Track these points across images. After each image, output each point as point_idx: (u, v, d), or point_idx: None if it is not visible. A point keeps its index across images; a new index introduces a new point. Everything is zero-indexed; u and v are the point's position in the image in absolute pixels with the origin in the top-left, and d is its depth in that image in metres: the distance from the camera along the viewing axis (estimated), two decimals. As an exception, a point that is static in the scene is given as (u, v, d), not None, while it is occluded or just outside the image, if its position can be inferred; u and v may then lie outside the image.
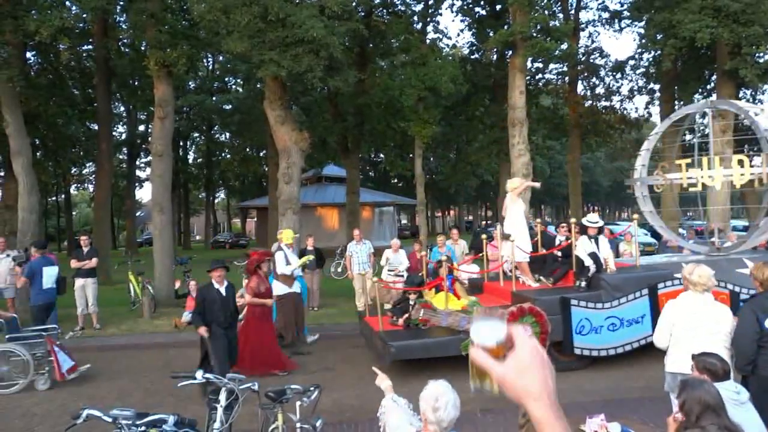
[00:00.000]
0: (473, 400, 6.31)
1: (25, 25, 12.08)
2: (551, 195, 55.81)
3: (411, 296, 8.13)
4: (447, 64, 14.91)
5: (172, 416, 3.05)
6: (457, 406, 2.53)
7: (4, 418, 6.11)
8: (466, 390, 4.93)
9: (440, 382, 2.63)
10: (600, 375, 7.28)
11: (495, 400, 6.28)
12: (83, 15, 15.54)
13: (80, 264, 10.42)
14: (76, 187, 44.26)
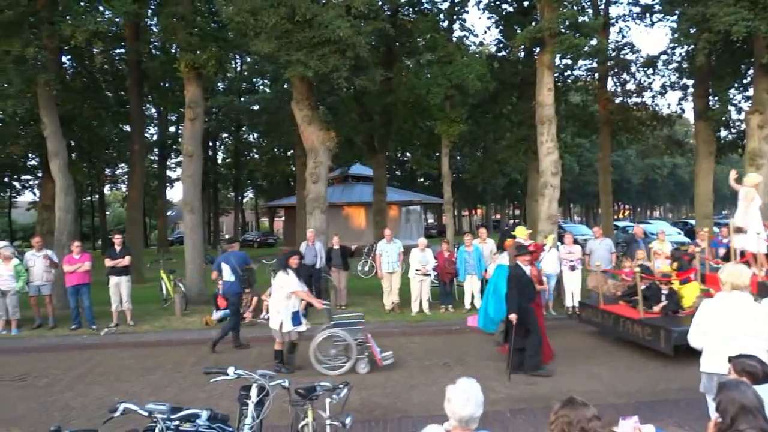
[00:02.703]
0: (504, 400, 6.30)
1: (61, 30, 12.40)
2: (580, 193, 54.99)
3: (663, 286, 8.63)
4: (474, 62, 14.80)
5: (205, 411, 3.11)
6: (474, 404, 2.50)
7: (46, 410, 6.30)
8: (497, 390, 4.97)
9: (464, 379, 2.61)
10: (633, 376, 7.16)
11: (525, 401, 6.24)
12: (116, 19, 15.90)
13: (114, 262, 10.68)
14: (109, 187, 45.30)
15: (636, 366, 7.56)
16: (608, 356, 8.25)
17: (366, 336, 7.66)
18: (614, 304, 9.14)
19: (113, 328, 10.50)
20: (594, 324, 9.39)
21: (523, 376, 7.22)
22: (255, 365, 6.58)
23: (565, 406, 2.35)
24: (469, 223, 61.37)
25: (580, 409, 2.31)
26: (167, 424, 3.00)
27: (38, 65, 12.78)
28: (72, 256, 10.59)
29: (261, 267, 15.72)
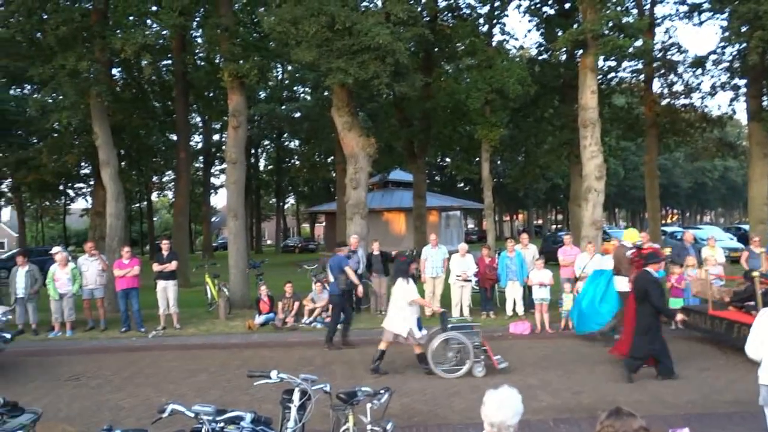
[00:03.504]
0: (547, 409, 6.18)
1: (112, 43, 12.93)
2: (626, 198, 53.60)
3: None
4: (514, 66, 14.65)
5: (249, 414, 3.17)
6: (509, 410, 2.45)
7: (98, 410, 6.53)
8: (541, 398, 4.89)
9: (504, 386, 2.57)
10: (683, 386, 6.91)
11: (570, 410, 6.11)
12: (163, 32, 16.50)
13: (161, 267, 11.00)
14: (157, 194, 46.76)
15: (685, 376, 7.30)
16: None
17: (482, 340, 7.70)
18: (724, 310, 8.84)
19: (160, 331, 10.81)
20: (701, 330, 9.11)
21: (567, 384, 7.08)
22: (324, 370, 6.72)
23: (611, 416, 2.29)
24: (510, 229, 60.58)
25: (626, 420, 2.25)
26: (213, 426, 3.06)
27: (91, 78, 13.34)
28: (122, 261, 10.98)
29: (302, 272, 15.92)
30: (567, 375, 7.52)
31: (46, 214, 50.73)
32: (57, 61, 12.37)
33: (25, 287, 10.66)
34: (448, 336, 7.60)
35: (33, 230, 52.19)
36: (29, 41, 14.10)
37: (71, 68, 12.24)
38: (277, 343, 10.02)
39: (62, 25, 12.24)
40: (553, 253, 14.28)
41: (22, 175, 27.47)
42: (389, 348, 7.83)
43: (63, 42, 12.46)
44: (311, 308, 11.40)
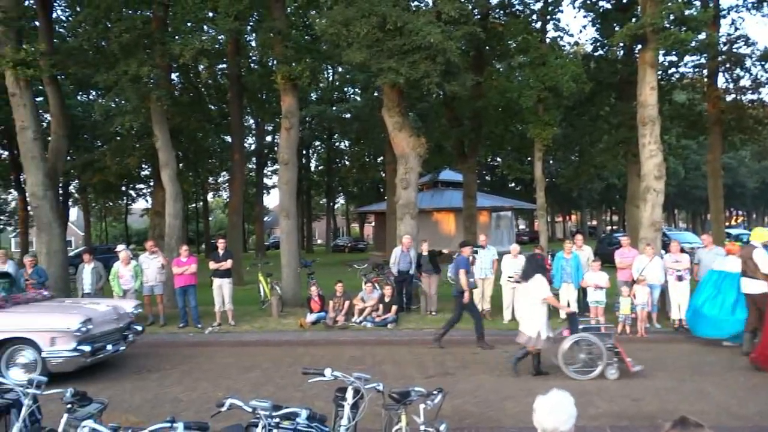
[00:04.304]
0: (604, 415, 5.99)
1: (171, 49, 13.40)
2: (687, 198, 51.43)
3: None
4: (568, 63, 14.28)
5: (304, 410, 3.22)
6: (560, 415, 2.37)
7: (158, 402, 6.79)
8: (597, 405, 4.74)
9: (555, 390, 2.50)
10: (751, 396, 6.56)
11: (628, 418, 5.91)
12: (219, 37, 16.98)
13: (217, 265, 11.33)
14: (212, 194, 48.22)
15: (753, 385, 6.93)
16: (720, 373, 7.62)
17: (615, 342, 7.57)
18: None
19: (216, 327, 11.13)
20: None
21: (625, 391, 6.85)
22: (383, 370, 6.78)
23: (676, 426, 2.19)
24: (563, 230, 59.20)
25: (693, 431, 2.15)
26: (269, 421, 3.13)
27: (151, 83, 13.86)
28: (180, 259, 11.37)
29: (353, 272, 16.04)
30: (625, 381, 7.28)
31: (110, 214, 53.26)
32: (120, 68, 12.91)
33: (91, 283, 11.19)
34: (579, 337, 7.47)
35: (97, 229, 54.82)
36: (95, 49, 14.81)
37: (133, 74, 12.75)
38: (327, 342, 10.14)
39: (125, 32, 12.78)
40: (609, 255, 13.85)
41: (87, 177, 28.88)
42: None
43: (126, 49, 13.00)
44: (361, 307, 11.48)
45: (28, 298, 8.72)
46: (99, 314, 8.16)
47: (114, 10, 13.37)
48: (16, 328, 7.54)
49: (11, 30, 12.90)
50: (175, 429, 2.90)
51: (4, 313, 7.81)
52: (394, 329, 10.77)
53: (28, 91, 13.30)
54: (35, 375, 3.96)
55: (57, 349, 7.41)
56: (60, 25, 19.59)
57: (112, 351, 8.15)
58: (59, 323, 7.56)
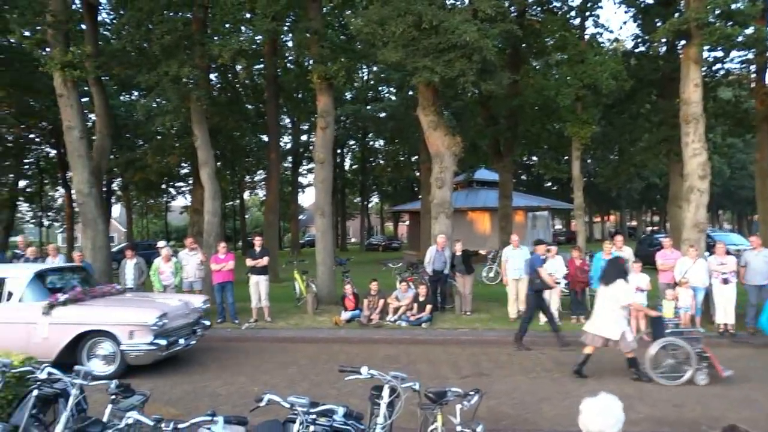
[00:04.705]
0: (645, 420, 5.86)
1: (210, 50, 13.67)
2: (732, 199, 49.71)
3: None
4: (608, 60, 13.95)
5: (341, 408, 3.24)
6: (607, 419, 2.32)
7: (197, 395, 6.95)
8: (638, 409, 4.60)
9: (603, 394, 2.45)
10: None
11: (669, 424, 5.75)
12: (257, 38, 17.21)
13: (254, 262, 11.51)
14: (248, 192, 48.99)
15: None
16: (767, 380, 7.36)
17: (705, 347, 7.38)
18: None
19: (253, 324, 11.31)
20: None
21: (667, 395, 6.67)
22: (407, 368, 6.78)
23: (726, 433, 2.12)
24: (601, 230, 57.96)
25: (744, 438, 2.07)
26: (306, 417, 3.16)
27: (191, 83, 14.16)
28: (218, 256, 11.58)
29: (387, 270, 16.08)
30: (667, 386, 7.08)
31: (151, 211, 54.67)
32: (161, 69, 13.23)
33: (133, 278, 11.50)
34: (666, 342, 7.31)
35: (139, 226, 56.39)
36: (137, 51, 15.20)
37: (174, 74, 13.05)
38: (362, 340, 10.18)
39: (166, 34, 13.08)
40: (649, 257, 13.50)
41: (130, 175, 29.78)
42: (487, 349, 7.68)
43: (167, 50, 13.31)
44: (396, 306, 11.49)
45: (104, 291, 8.94)
46: (172, 309, 8.32)
47: (156, 12, 13.70)
48: (96, 321, 7.77)
49: (60, 33, 13.38)
50: (215, 422, 2.96)
51: (85, 306, 8.04)
52: (428, 328, 10.75)
53: (75, 92, 13.78)
54: (83, 367, 4.09)
55: (135, 342, 7.63)
56: (104, 27, 20.21)
57: (184, 345, 8.29)
58: (137, 317, 7.77)
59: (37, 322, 7.72)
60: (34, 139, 30.37)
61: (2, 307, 7.92)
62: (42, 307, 7.78)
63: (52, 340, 7.67)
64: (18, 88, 21.23)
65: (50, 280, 8.67)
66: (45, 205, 41.95)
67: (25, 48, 15.56)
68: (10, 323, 7.73)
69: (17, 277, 8.16)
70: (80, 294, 8.28)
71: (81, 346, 7.76)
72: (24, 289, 7.99)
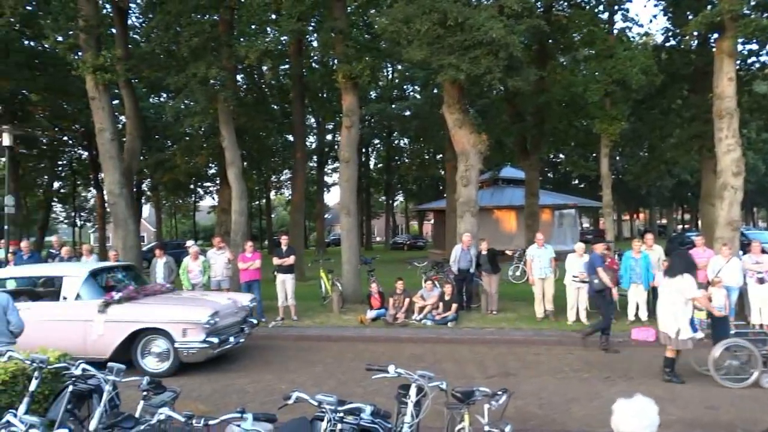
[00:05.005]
0: (677, 423, 5.74)
1: (237, 51, 13.84)
2: (766, 195, 48.30)
3: None
4: (638, 54, 13.68)
5: (369, 406, 3.24)
6: (641, 422, 2.26)
7: (225, 392, 7.04)
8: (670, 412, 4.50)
9: (638, 396, 2.39)
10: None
11: (702, 426, 5.61)
12: (282, 38, 17.37)
13: (281, 261, 11.60)
14: (274, 192, 49.43)
15: None
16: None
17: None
18: None
19: (279, 322, 11.41)
20: None
21: (699, 397, 6.51)
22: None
23: (765, 436, 2.06)
24: (630, 228, 56.93)
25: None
26: (334, 416, 3.17)
27: (218, 84, 14.36)
28: (245, 255, 11.71)
29: (413, 269, 16.07)
30: (699, 387, 6.93)
31: (179, 211, 55.67)
32: (189, 70, 13.44)
33: (163, 277, 11.69)
34: (731, 342, 7.11)
35: (168, 225, 57.38)
36: (166, 53, 15.48)
37: (202, 76, 13.24)
38: (387, 338, 10.18)
39: (194, 36, 13.28)
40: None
41: (159, 176, 30.35)
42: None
43: (195, 52, 13.52)
44: (421, 305, 11.46)
45: (155, 289, 9.09)
46: (223, 307, 8.39)
47: (184, 15, 13.93)
48: (150, 319, 7.84)
49: (91, 37, 13.70)
50: (245, 419, 2.99)
51: (138, 304, 8.17)
52: (454, 328, 10.70)
53: (106, 95, 14.08)
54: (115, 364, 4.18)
55: (188, 340, 7.70)
56: (134, 31, 20.62)
57: (234, 343, 8.34)
58: (190, 315, 7.83)
59: (93, 320, 7.83)
60: (68, 142, 31.21)
61: (59, 305, 8.06)
62: (98, 305, 7.89)
63: (108, 337, 7.79)
64: (52, 92, 21.82)
65: (104, 279, 8.83)
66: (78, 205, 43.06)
67: (59, 53, 15.95)
68: (68, 321, 7.87)
69: (73, 275, 8.29)
70: (133, 292, 8.40)
71: (135, 343, 7.86)
72: (80, 288, 8.11)
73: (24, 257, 12.08)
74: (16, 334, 5.29)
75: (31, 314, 7.82)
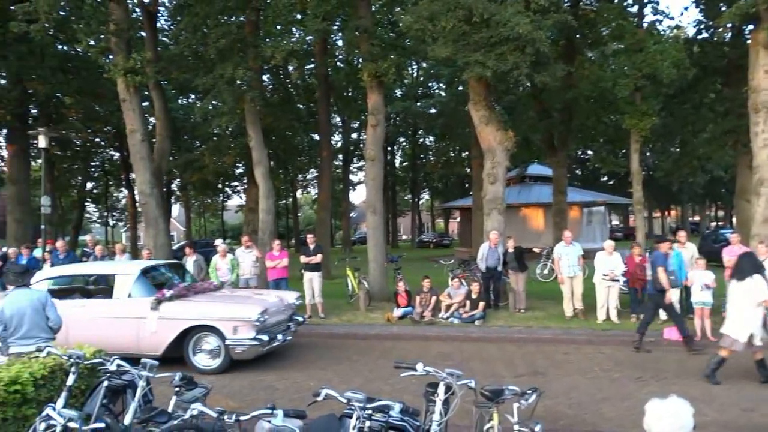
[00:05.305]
0: (712, 425, 5.61)
1: (263, 51, 13.98)
2: (805, 191, 46.71)
3: None
4: (668, 48, 13.40)
5: (398, 404, 3.25)
6: (674, 423, 2.22)
7: (254, 390, 7.12)
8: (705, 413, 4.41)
9: (673, 396, 2.35)
10: None
11: (739, 428, 5.48)
12: (308, 38, 17.50)
13: (308, 259, 11.69)
14: (300, 191, 49.84)
15: None
16: None
17: None
18: None
19: (306, 319, 11.47)
20: None
21: (735, 399, 6.35)
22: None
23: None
24: (661, 226, 55.80)
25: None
26: (362, 413, 3.18)
27: (245, 85, 14.53)
28: (273, 253, 11.83)
29: (439, 267, 16.02)
30: (735, 389, 6.75)
31: (207, 210, 56.52)
32: (217, 71, 13.63)
33: (194, 275, 11.89)
34: None
35: (196, 224, 58.32)
36: (194, 55, 15.74)
37: (229, 77, 13.42)
38: (414, 337, 10.17)
39: (221, 38, 13.47)
40: (714, 253, 12.89)
41: (188, 175, 30.87)
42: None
43: (222, 53, 13.70)
44: (448, 303, 11.42)
45: (204, 287, 9.19)
46: (271, 305, 8.44)
47: (211, 17, 14.13)
48: (202, 316, 7.89)
49: (122, 41, 14.00)
50: (275, 415, 3.03)
51: (190, 301, 8.26)
52: (481, 326, 10.64)
53: (137, 97, 14.38)
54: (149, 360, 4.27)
55: (239, 337, 7.71)
56: (163, 34, 21.00)
57: (282, 341, 8.34)
58: (241, 313, 7.85)
59: (146, 317, 7.92)
60: (100, 143, 31.97)
61: (113, 302, 8.21)
62: (150, 302, 7.99)
63: (161, 334, 7.86)
64: (84, 95, 22.36)
65: (154, 276, 8.94)
66: (110, 205, 44.08)
67: (91, 56, 16.36)
68: (121, 318, 8.00)
69: (126, 273, 8.43)
70: (183, 290, 8.49)
71: (187, 340, 7.92)
72: (132, 285, 8.23)
73: (60, 256, 12.41)
74: (55, 330, 5.43)
75: (85, 311, 8.10)
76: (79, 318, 7.89)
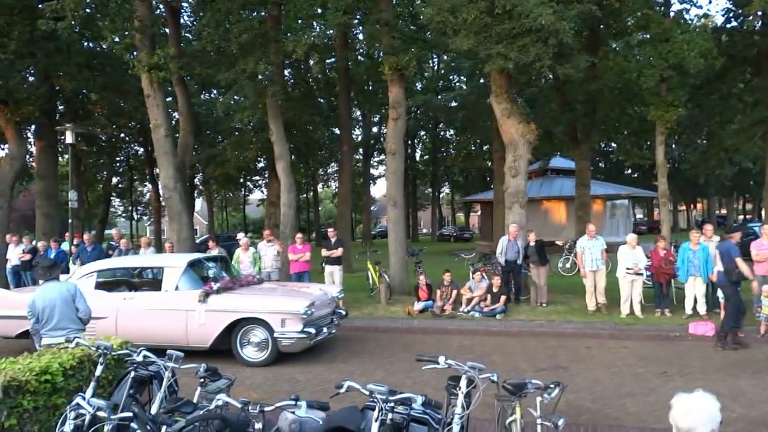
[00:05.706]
0: (739, 421, 5.52)
1: (284, 46, 14.03)
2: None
3: None
4: (696, 37, 13.12)
5: (420, 396, 3.26)
6: (699, 417, 2.18)
7: (276, 382, 7.20)
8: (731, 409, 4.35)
9: (699, 391, 2.31)
10: None
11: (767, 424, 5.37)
12: (328, 32, 17.48)
13: (329, 253, 11.76)
14: (321, 185, 50.00)
15: None
16: None
17: None
18: None
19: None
20: None
21: (764, 395, 6.23)
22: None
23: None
24: (687, 219, 54.80)
25: None
26: (385, 405, 3.20)
27: (266, 80, 14.61)
28: (295, 247, 11.92)
29: (460, 261, 15.97)
30: (764, 385, 6.62)
31: (230, 204, 57.10)
32: (239, 66, 13.72)
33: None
34: None
35: (219, 218, 58.99)
36: (216, 50, 15.85)
37: (251, 72, 13.50)
38: (435, 330, 10.18)
39: (243, 33, 13.54)
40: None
41: (211, 170, 31.22)
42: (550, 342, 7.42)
43: (244, 48, 13.79)
44: (469, 297, 11.40)
45: (249, 280, 9.28)
46: (317, 298, 8.46)
47: (233, 12, 14.21)
48: (250, 309, 7.91)
49: (146, 37, 14.16)
50: (299, 407, 3.06)
51: (237, 294, 8.35)
52: (502, 320, 10.59)
53: (161, 93, 14.55)
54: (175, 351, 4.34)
55: (287, 330, 7.73)
56: (186, 30, 21.20)
57: (327, 334, 8.34)
58: (288, 305, 7.85)
59: (195, 310, 8.00)
60: (125, 138, 32.48)
61: (161, 294, 8.33)
62: (198, 295, 8.08)
63: (209, 327, 7.91)
64: (110, 91, 22.69)
65: (200, 269, 9.05)
66: (135, 199, 44.77)
67: (116, 53, 16.58)
68: (170, 310, 8.10)
69: (173, 266, 8.52)
70: (229, 282, 8.59)
71: (235, 333, 7.95)
72: (180, 278, 8.34)
73: (87, 249, 12.67)
74: (85, 321, 5.55)
75: (134, 304, 8.26)
76: (127, 310, 8.10)
